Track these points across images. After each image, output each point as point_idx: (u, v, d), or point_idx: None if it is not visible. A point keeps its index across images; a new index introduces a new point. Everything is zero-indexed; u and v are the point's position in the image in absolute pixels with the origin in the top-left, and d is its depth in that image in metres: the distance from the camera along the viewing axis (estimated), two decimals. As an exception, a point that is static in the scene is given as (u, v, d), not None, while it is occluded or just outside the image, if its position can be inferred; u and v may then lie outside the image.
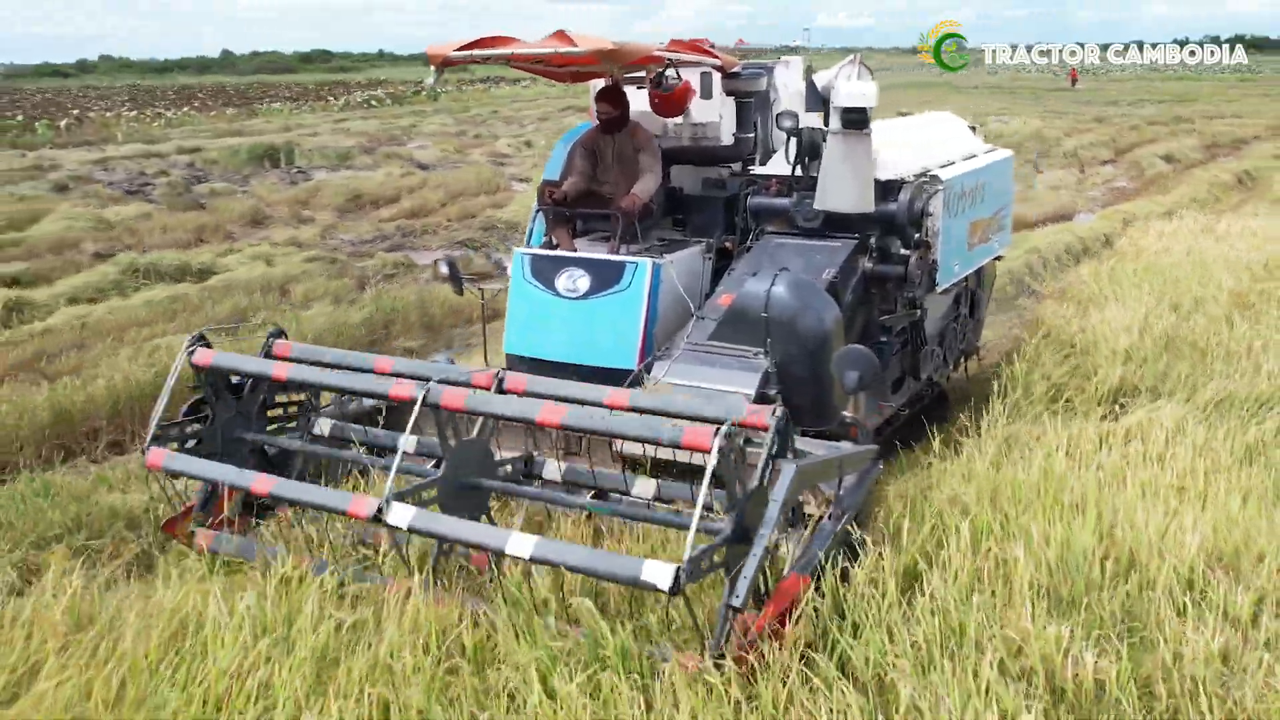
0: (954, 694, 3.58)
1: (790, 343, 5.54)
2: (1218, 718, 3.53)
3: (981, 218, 7.41)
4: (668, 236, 7.31)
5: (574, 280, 6.43)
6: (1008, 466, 5.53)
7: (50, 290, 12.40)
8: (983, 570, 4.39)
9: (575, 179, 7.17)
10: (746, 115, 7.44)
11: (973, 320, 8.17)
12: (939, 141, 7.49)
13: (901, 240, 6.40)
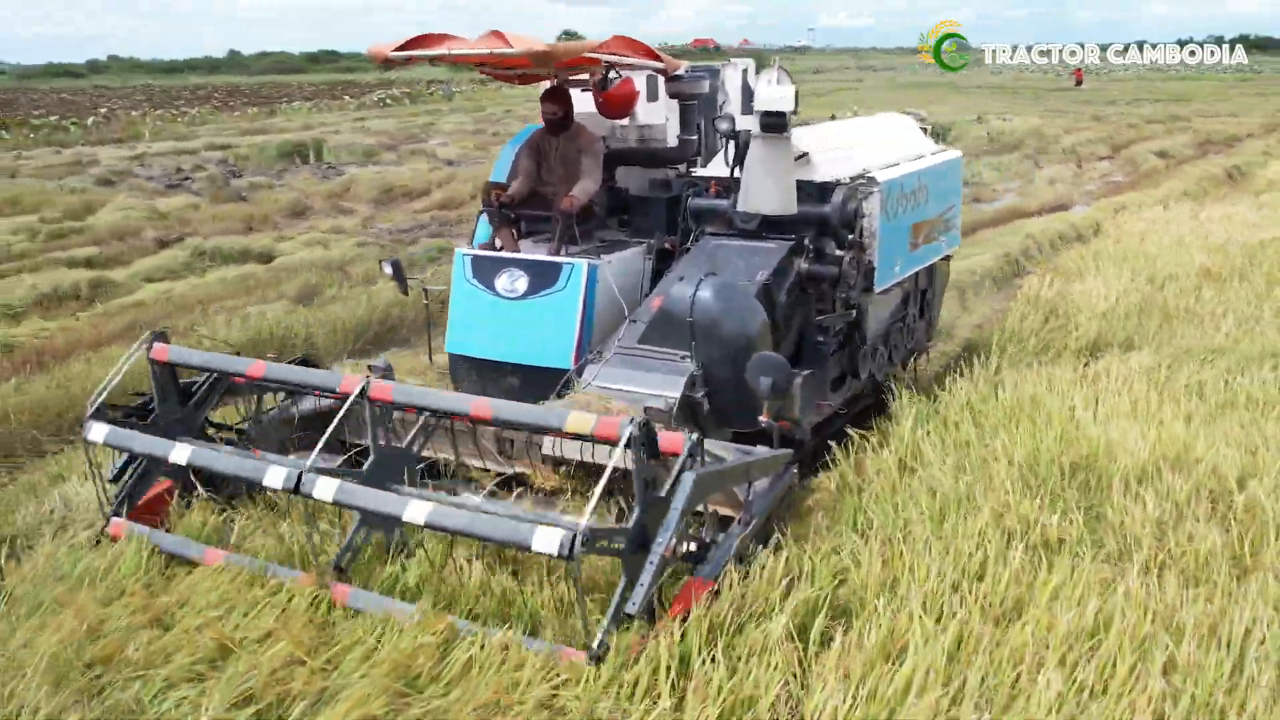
0: (960, 538, 4.73)
1: (715, 346, 5.65)
2: (1150, 557, 4.67)
3: (926, 219, 7.47)
4: (611, 237, 7.39)
5: (513, 281, 6.55)
6: (993, 397, 6.69)
7: (127, 271, 13.57)
8: (967, 462, 5.58)
9: (520, 180, 7.25)
10: (690, 117, 7.56)
11: (923, 320, 8.22)
12: (883, 143, 7.58)
13: (836, 241, 6.50)
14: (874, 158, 7.07)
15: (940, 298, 8.65)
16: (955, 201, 8.15)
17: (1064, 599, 4.22)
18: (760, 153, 6.30)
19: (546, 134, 7.30)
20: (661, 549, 3.97)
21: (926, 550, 4.67)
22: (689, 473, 4.12)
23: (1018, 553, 4.61)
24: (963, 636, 3.97)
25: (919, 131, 8.31)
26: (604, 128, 7.64)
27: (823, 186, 6.51)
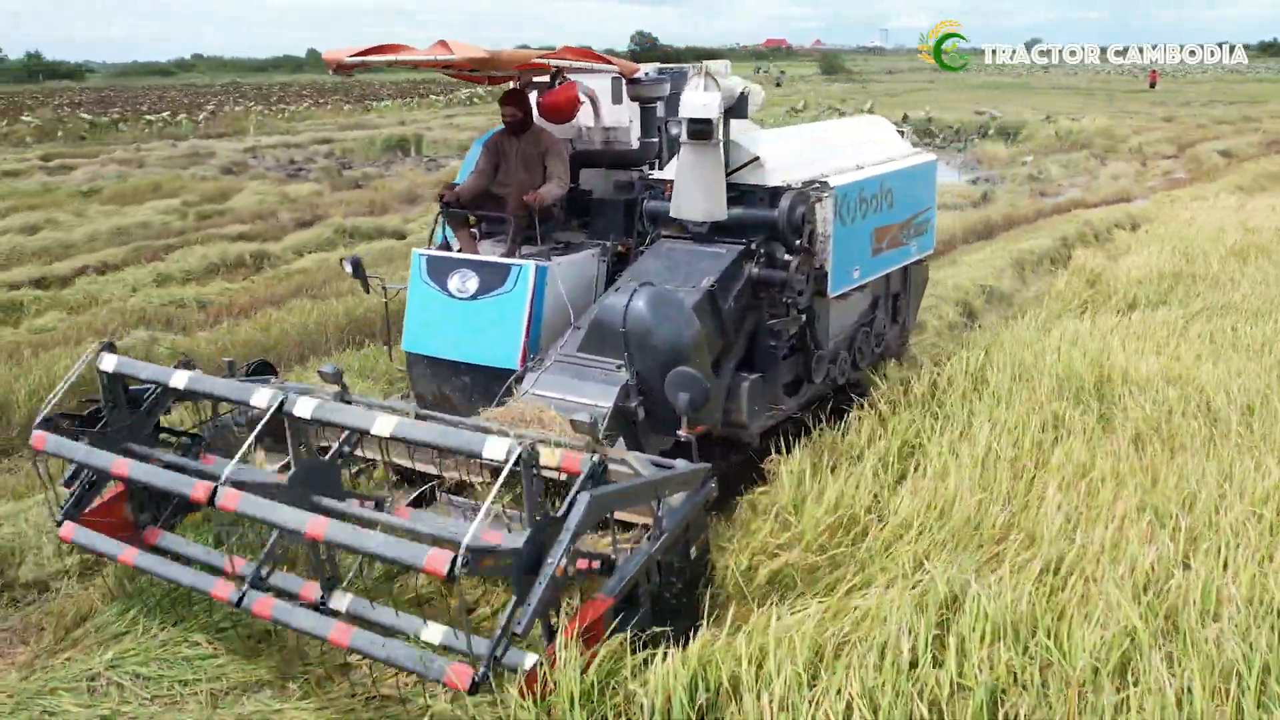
0: (1003, 421, 6.43)
1: (647, 356, 5.64)
2: (1140, 434, 6.33)
3: (891, 223, 7.45)
4: (568, 239, 7.43)
5: (464, 281, 6.62)
6: (1044, 335, 8.35)
7: (280, 245, 15.59)
8: (1019, 376, 7.29)
9: (472, 179, 7.36)
10: (651, 120, 7.63)
11: (895, 324, 8.18)
12: (849, 147, 7.57)
13: (785, 246, 6.50)
14: (834, 162, 7.07)
15: (916, 301, 8.64)
16: (928, 205, 8.10)
17: (1069, 453, 5.91)
18: (689, 160, 6.33)
19: (506, 135, 7.36)
20: (552, 569, 3.95)
21: (981, 428, 6.37)
22: (584, 493, 4.12)
23: (1045, 431, 6.31)
24: (995, 471, 5.69)
25: (894, 134, 8.34)
26: (571, 130, 7.76)
27: (773, 191, 6.54)
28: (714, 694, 3.93)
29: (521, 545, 3.97)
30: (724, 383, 6.24)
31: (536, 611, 3.93)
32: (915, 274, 8.32)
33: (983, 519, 5.22)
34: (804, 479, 5.61)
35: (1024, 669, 3.95)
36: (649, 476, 4.68)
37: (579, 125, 7.79)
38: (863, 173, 7.13)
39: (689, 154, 6.30)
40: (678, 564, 4.67)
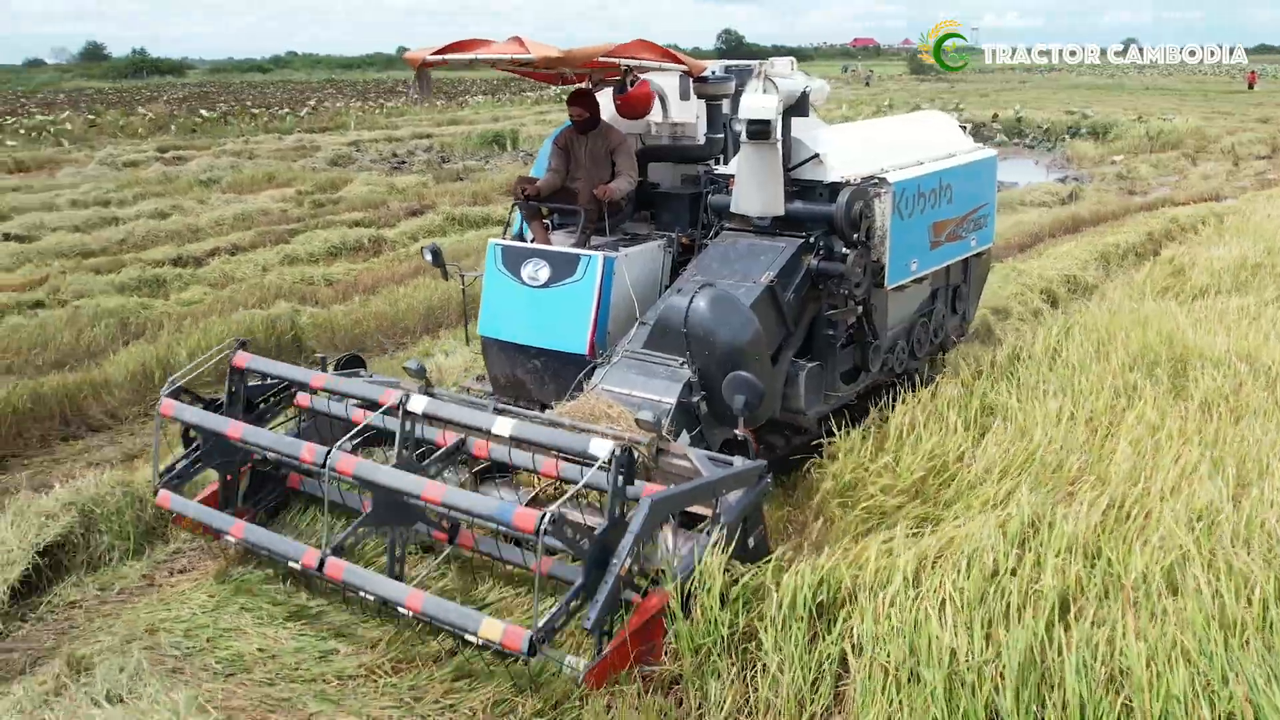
0: (1080, 385, 7.08)
1: (708, 355, 5.96)
2: (1208, 403, 6.93)
3: (950, 217, 7.67)
4: (635, 231, 7.70)
5: (536, 270, 6.94)
6: (1118, 317, 8.95)
7: (394, 230, 16.60)
8: (1097, 348, 7.91)
9: (550, 176, 7.64)
10: (717, 117, 7.80)
11: (955, 315, 8.42)
12: (909, 143, 7.78)
13: (842, 240, 6.70)
14: (893, 158, 7.29)
15: (976, 293, 8.86)
16: (988, 199, 8.32)
17: (1141, 415, 6.54)
18: (747, 158, 6.59)
19: (575, 133, 7.66)
20: (617, 569, 4.34)
21: (1058, 393, 7.02)
22: (647, 498, 4.47)
23: (1118, 398, 6.94)
24: (1071, 428, 6.35)
25: (955, 130, 8.51)
26: (640, 126, 8.08)
27: (832, 187, 6.76)
28: (831, 596, 4.68)
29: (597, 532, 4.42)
30: (782, 370, 6.58)
31: (604, 608, 4.32)
32: (975, 267, 8.54)
33: (1059, 465, 5.89)
34: (904, 433, 6.32)
35: (1089, 579, 4.64)
36: (707, 477, 4.99)
37: (648, 121, 8.12)
38: (921, 168, 7.36)
39: (748, 153, 6.56)
40: (735, 555, 4.87)
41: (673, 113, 8.07)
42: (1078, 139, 30.71)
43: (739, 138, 6.76)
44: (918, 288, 7.72)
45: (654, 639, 4.60)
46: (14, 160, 28.03)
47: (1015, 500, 5.36)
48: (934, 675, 4.18)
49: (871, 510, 5.80)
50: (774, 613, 4.60)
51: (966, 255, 8.15)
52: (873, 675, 4.32)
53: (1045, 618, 4.39)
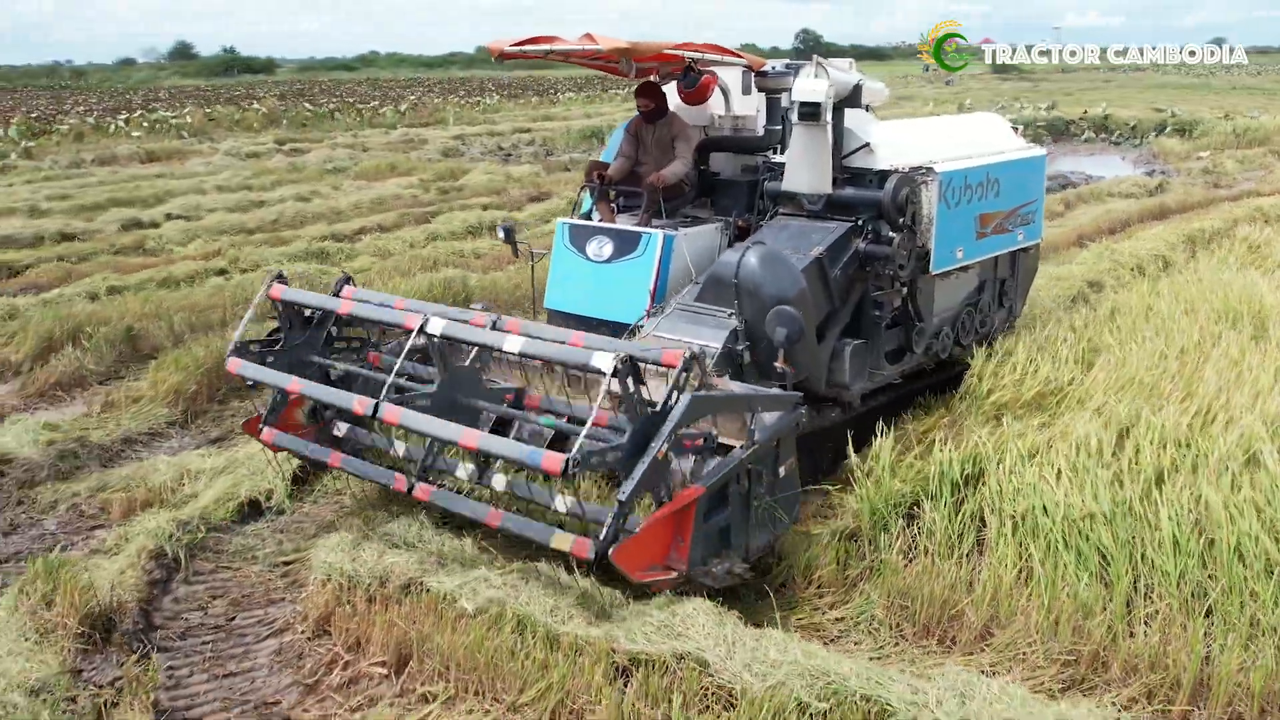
0: (1170, 332, 8.32)
1: (755, 306, 6.35)
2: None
3: (998, 210, 8.00)
4: (695, 215, 8.21)
5: (600, 247, 7.48)
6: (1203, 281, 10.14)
7: (523, 213, 18.13)
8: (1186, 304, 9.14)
9: (619, 162, 8.24)
10: (776, 109, 8.14)
11: (1002, 309, 8.71)
12: (957, 138, 8.20)
13: (890, 224, 7.07)
14: (942, 151, 7.63)
15: (1024, 288, 9.17)
16: (1036, 196, 8.65)
17: (1225, 351, 7.78)
18: (800, 139, 7.06)
19: (643, 122, 8.25)
20: (654, 452, 4.81)
21: (1150, 336, 8.28)
22: (686, 393, 4.97)
23: (1205, 342, 8.18)
24: (1164, 361, 7.62)
25: (1006, 130, 8.93)
26: (704, 118, 8.62)
27: (881, 174, 7.17)
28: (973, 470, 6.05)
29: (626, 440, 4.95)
30: (829, 345, 6.97)
31: (640, 484, 4.83)
32: (1023, 262, 8.88)
33: (1154, 386, 7.15)
34: (1026, 363, 7.63)
35: (1181, 458, 5.92)
36: (745, 391, 5.53)
37: (711, 113, 8.64)
38: (969, 161, 7.72)
39: (799, 133, 7.03)
40: (766, 477, 5.45)
41: (734, 106, 8.61)
42: (1164, 136, 31.42)
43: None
44: (964, 277, 8.10)
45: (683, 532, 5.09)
46: (145, 151, 30.01)
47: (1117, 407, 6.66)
48: (1051, 522, 5.51)
49: (1000, 410, 7.12)
50: (932, 484, 5.98)
51: (1013, 249, 8.49)
52: (1004, 524, 5.65)
53: (1141, 487, 5.69)
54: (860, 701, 4.37)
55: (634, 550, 4.90)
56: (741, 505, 5.35)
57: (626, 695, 4.61)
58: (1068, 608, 5.16)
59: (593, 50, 7.13)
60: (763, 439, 5.36)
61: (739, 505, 5.34)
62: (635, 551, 4.91)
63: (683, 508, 5.02)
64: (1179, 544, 5.28)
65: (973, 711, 4.26)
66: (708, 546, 5.24)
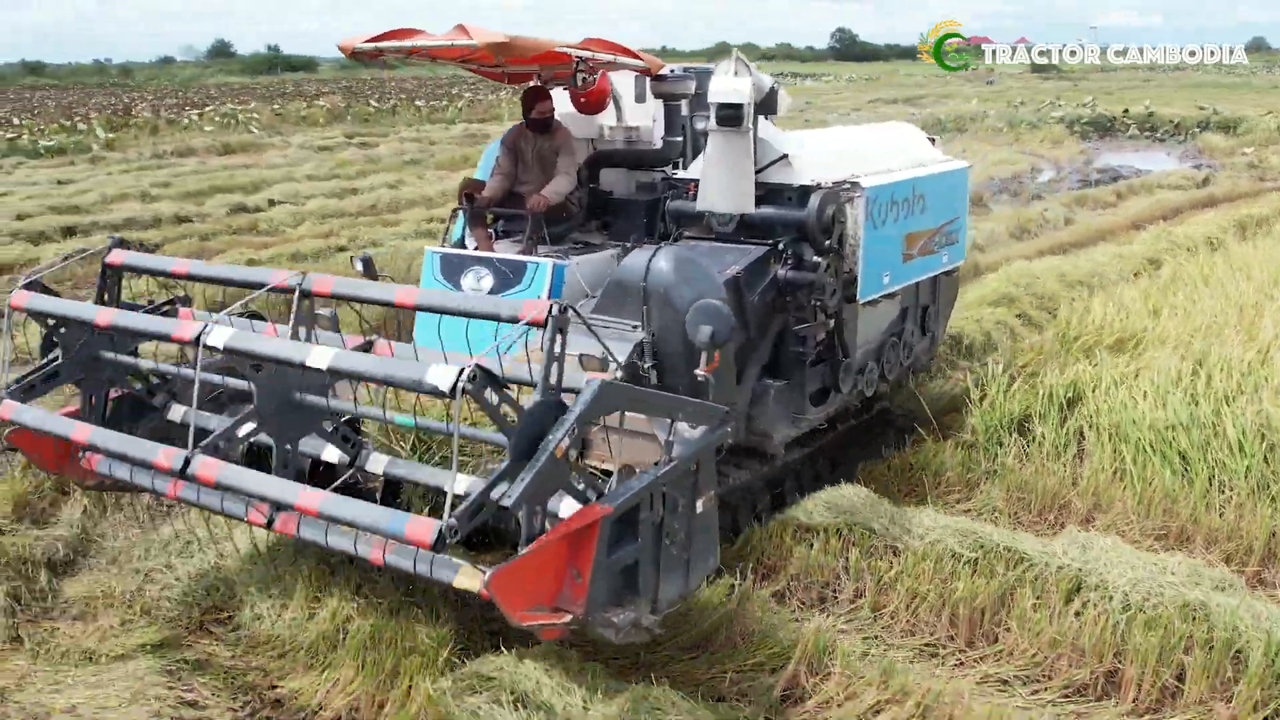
0: (1240, 284, 9.57)
1: (667, 314, 5.47)
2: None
3: (923, 229, 7.20)
4: (586, 239, 7.32)
5: (479, 279, 6.51)
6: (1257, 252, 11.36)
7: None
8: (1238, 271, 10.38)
9: (496, 180, 7.27)
10: (675, 119, 7.47)
11: (925, 337, 7.89)
12: (878, 150, 7.31)
13: (814, 247, 6.17)
14: (864, 163, 6.83)
15: (946, 314, 8.35)
16: (960, 213, 7.82)
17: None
18: (715, 149, 6.17)
19: (526, 131, 7.35)
20: (551, 447, 3.73)
21: (1211, 295, 9.52)
22: (597, 379, 3.92)
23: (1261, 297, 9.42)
24: (1226, 313, 8.86)
25: (924, 141, 8.04)
26: (592, 129, 7.73)
27: (802, 190, 6.24)
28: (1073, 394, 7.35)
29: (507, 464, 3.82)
30: (748, 388, 6.11)
31: (529, 487, 3.70)
32: (945, 286, 8.02)
33: (1220, 331, 8.40)
34: (1105, 315, 8.90)
35: (1246, 382, 7.18)
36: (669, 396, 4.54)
37: (600, 124, 7.80)
38: (894, 175, 6.93)
39: (717, 142, 6.16)
40: (681, 508, 4.32)
41: (627, 115, 7.75)
42: (1208, 132, 32.46)
43: (701, 136, 6.58)
44: (889, 304, 7.25)
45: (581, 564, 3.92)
46: (221, 144, 31.56)
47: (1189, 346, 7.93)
48: (1140, 431, 6.78)
49: (1088, 351, 8.39)
50: (1040, 405, 7.27)
51: (938, 271, 7.68)
52: (1101, 435, 6.92)
53: (1213, 405, 6.95)
54: (1002, 551, 5.65)
55: (515, 581, 3.76)
56: (653, 539, 4.21)
57: (813, 551, 5.90)
58: (1157, 495, 6.44)
59: (464, 47, 6.24)
60: (681, 455, 4.31)
61: (650, 538, 4.19)
62: (516, 583, 3.76)
63: (582, 530, 3.89)
64: (1244, 447, 6.54)
65: (1091, 558, 5.52)
66: (610, 587, 4.09)
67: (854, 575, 5.77)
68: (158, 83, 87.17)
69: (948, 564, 5.65)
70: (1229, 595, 5.22)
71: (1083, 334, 8.64)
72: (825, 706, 4.84)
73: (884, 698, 4.79)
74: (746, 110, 6.01)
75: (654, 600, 4.28)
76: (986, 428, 7.28)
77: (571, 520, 3.89)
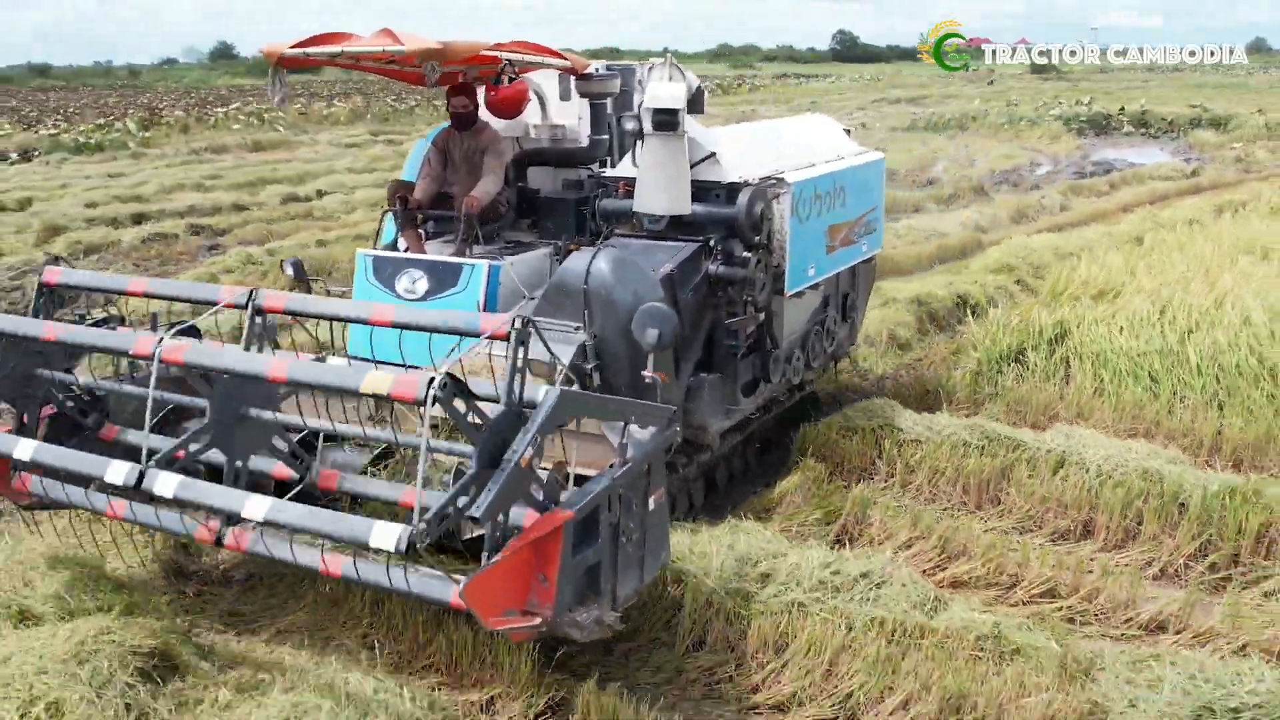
0: (1208, 250, 11.25)
1: (609, 316, 5.66)
2: None
3: (844, 220, 7.50)
4: (518, 239, 7.44)
5: (413, 282, 6.55)
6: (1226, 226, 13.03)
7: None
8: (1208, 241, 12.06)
9: (425, 182, 7.34)
10: (601, 117, 7.62)
11: (845, 324, 8.26)
12: (798, 143, 7.57)
13: (743, 243, 6.42)
14: (787, 159, 7.11)
15: (865, 301, 8.74)
16: (877, 203, 8.20)
17: (1240, 268, 10.67)
18: (653, 152, 6.29)
19: (453, 130, 7.44)
20: (517, 458, 3.87)
21: (1182, 259, 11.18)
22: (555, 388, 4.09)
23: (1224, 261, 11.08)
24: (1198, 266, 10.54)
25: (841, 133, 8.32)
26: (518, 128, 7.80)
27: (730, 187, 6.47)
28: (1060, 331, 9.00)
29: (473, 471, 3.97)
30: (684, 381, 6.29)
31: (497, 499, 3.86)
32: (864, 274, 8.44)
33: (1186, 284, 10.05)
34: (1084, 271, 10.56)
35: (1205, 319, 8.82)
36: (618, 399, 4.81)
37: (526, 123, 7.88)
38: (816, 169, 7.22)
39: (654, 146, 6.28)
40: (636, 507, 4.56)
41: (552, 114, 7.92)
42: (1199, 129, 34.12)
43: (629, 137, 6.82)
44: (813, 294, 7.58)
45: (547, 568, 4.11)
46: (253, 141, 33.21)
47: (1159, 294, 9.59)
48: (1117, 357, 8.45)
49: (1074, 298, 10.03)
50: (1033, 338, 8.92)
51: (859, 260, 8.05)
52: (1084, 361, 8.60)
53: (1177, 336, 8.60)
54: (1004, 439, 7.28)
55: (486, 588, 3.96)
56: (611, 539, 4.45)
57: (853, 442, 7.53)
58: (1129, 405, 8.13)
59: (392, 54, 6.33)
60: (635, 456, 4.58)
61: (609, 538, 4.44)
62: (488, 590, 3.97)
63: (546, 536, 4.11)
64: (1200, 369, 8.20)
65: (1073, 444, 7.14)
66: (575, 588, 4.31)
67: (887, 460, 7.39)
68: (165, 84, 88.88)
69: (960, 449, 7.27)
70: (1177, 466, 6.87)
71: (1069, 287, 10.29)
72: (870, 544, 6.48)
73: (914, 535, 6.44)
74: (682, 115, 6.19)
75: (613, 598, 4.48)
76: (989, 359, 8.96)
77: (536, 526, 4.11)
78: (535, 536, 4.06)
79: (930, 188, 21.98)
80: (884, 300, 11.19)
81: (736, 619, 5.26)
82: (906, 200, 19.56)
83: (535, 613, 4.12)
